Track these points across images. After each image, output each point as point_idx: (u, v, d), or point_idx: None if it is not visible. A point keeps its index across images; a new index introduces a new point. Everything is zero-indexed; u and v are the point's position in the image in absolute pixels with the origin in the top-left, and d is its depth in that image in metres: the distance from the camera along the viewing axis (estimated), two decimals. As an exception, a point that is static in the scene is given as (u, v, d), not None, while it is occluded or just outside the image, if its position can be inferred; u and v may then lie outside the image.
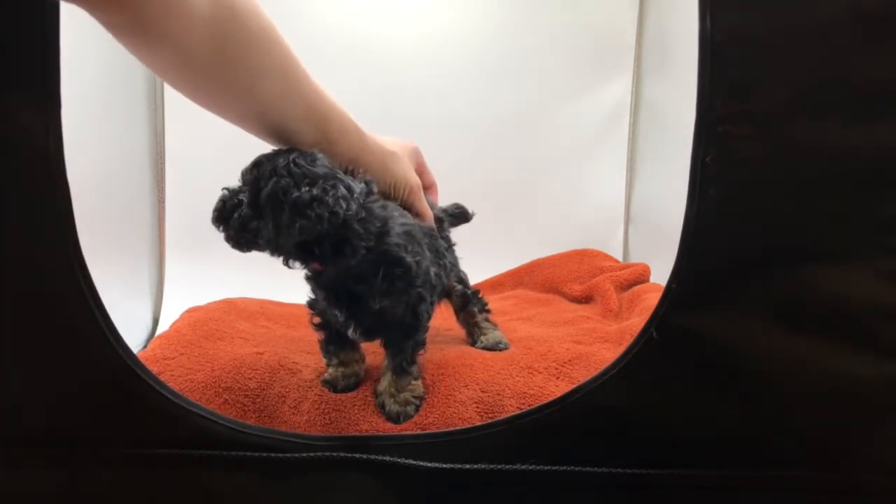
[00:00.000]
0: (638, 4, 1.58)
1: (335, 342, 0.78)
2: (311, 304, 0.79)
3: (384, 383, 0.74)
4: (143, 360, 0.80)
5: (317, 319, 0.79)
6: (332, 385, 0.77)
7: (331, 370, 0.78)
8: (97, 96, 1.09)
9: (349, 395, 0.75)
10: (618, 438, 0.64)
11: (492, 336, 0.94)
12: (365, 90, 1.46)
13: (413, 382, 0.74)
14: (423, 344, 0.77)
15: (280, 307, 1.21)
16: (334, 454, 0.65)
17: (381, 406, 0.73)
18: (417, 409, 0.73)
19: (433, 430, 0.71)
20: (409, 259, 0.70)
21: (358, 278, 0.69)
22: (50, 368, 0.61)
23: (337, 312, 0.72)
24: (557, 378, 0.78)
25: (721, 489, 0.64)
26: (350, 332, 0.74)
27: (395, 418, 0.72)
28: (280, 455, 0.65)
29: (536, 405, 0.70)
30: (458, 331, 1.02)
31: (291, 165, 0.62)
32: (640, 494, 0.65)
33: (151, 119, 1.35)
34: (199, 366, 0.80)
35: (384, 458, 0.65)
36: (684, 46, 1.29)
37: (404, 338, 0.75)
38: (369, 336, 0.76)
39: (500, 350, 0.91)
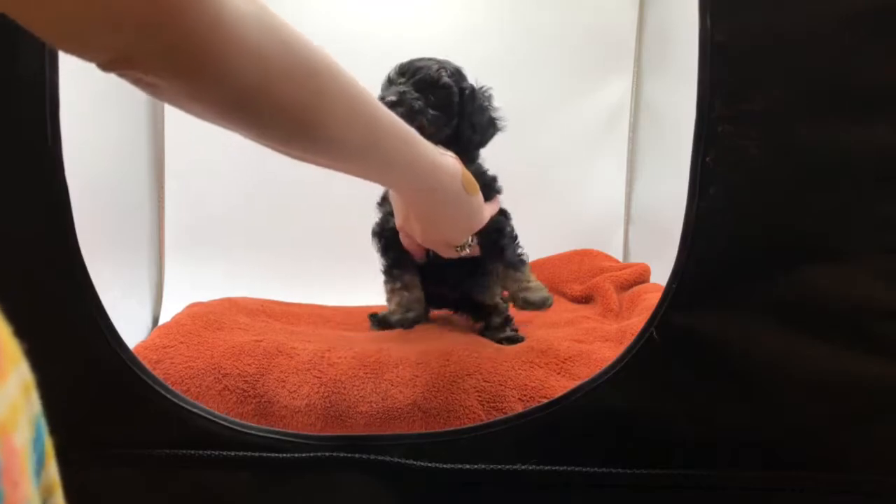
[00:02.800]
0: (638, 4, 1.57)
1: (400, 265, 0.82)
2: (381, 227, 0.85)
3: (514, 286, 0.81)
4: (142, 349, 0.80)
5: (381, 243, 0.86)
6: (399, 317, 0.79)
7: (395, 300, 0.81)
8: (97, 96, 1.09)
9: (349, 376, 0.75)
10: (618, 438, 0.64)
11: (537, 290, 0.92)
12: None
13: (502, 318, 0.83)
14: (516, 238, 0.86)
15: (280, 306, 1.21)
16: (334, 454, 0.65)
17: (525, 301, 0.78)
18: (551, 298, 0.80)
19: (436, 413, 0.71)
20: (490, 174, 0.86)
21: None
22: (49, 368, 0.61)
23: None
24: (558, 374, 0.78)
25: (721, 489, 0.64)
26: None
27: (542, 304, 0.78)
28: (280, 455, 0.65)
29: (537, 398, 0.70)
30: (460, 324, 1.02)
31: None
32: (639, 494, 0.65)
33: (151, 119, 1.35)
34: (198, 353, 0.80)
35: (384, 458, 0.65)
36: (684, 46, 1.29)
37: (500, 236, 0.82)
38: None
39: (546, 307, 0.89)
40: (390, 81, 0.81)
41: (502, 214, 0.89)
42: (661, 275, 1.33)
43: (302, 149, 0.48)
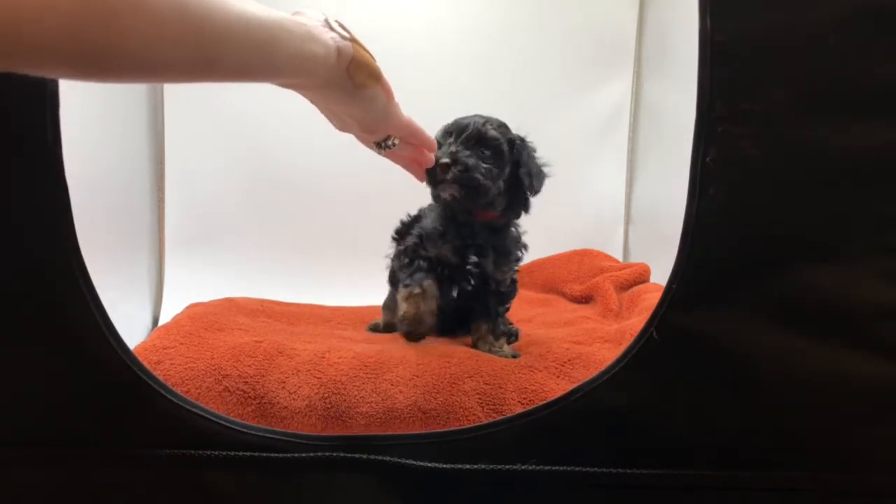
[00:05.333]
0: (638, 4, 1.58)
1: (423, 270, 0.84)
2: (412, 251, 0.87)
3: (485, 347, 0.86)
4: (142, 351, 0.80)
5: (406, 260, 0.87)
6: (410, 324, 0.79)
7: (410, 305, 0.80)
8: (97, 96, 1.09)
9: (349, 377, 0.75)
10: (618, 438, 0.64)
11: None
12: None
13: (501, 340, 0.87)
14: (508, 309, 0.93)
15: (280, 306, 1.22)
16: (334, 454, 0.65)
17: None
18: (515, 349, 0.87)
19: (435, 415, 0.71)
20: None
21: (497, 236, 0.88)
22: (49, 369, 0.61)
23: (471, 256, 0.86)
24: (558, 377, 0.78)
25: (721, 489, 0.64)
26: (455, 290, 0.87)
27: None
28: (280, 455, 0.65)
29: (537, 401, 0.70)
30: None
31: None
32: (640, 494, 0.65)
33: (151, 119, 1.35)
34: (198, 354, 0.80)
35: (384, 458, 0.65)
36: (684, 46, 1.29)
37: (498, 303, 0.87)
38: (465, 301, 0.88)
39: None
40: (439, 144, 0.82)
41: (514, 286, 0.93)
42: (661, 275, 1.33)
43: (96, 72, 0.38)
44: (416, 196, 0.93)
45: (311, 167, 1.45)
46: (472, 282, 0.87)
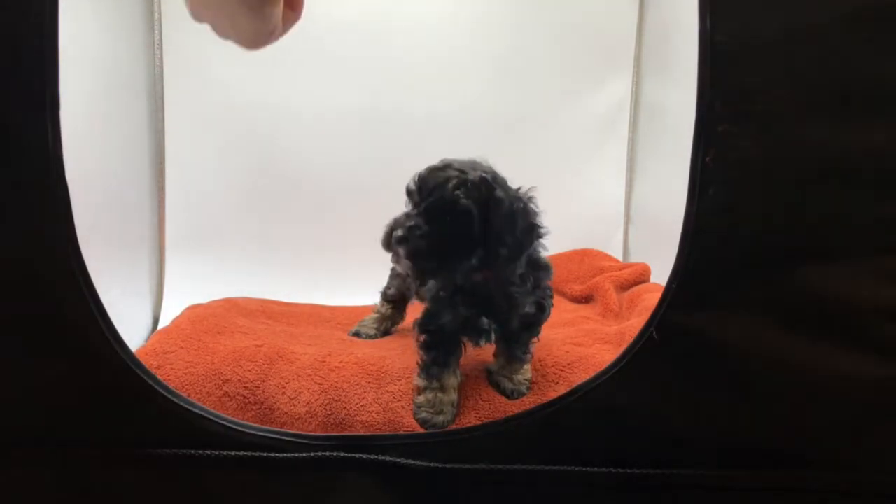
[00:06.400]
0: (638, 4, 1.58)
1: (440, 364, 0.76)
2: (425, 323, 0.77)
3: (497, 367, 0.81)
4: (142, 355, 0.80)
5: (423, 338, 0.77)
6: (426, 416, 0.72)
7: (427, 395, 0.74)
8: (97, 96, 1.09)
9: (350, 383, 0.76)
10: (618, 438, 0.64)
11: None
12: (364, 89, 1.46)
13: (525, 367, 0.80)
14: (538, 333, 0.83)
15: (280, 306, 1.22)
16: (334, 454, 0.65)
17: (496, 385, 0.79)
18: (528, 388, 0.79)
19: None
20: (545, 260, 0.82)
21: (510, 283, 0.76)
22: (49, 368, 0.61)
23: (484, 319, 0.77)
24: (556, 383, 0.79)
25: (721, 489, 0.64)
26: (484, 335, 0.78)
27: (508, 394, 0.78)
28: (280, 455, 0.65)
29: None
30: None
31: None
32: (640, 494, 0.65)
33: (151, 119, 1.34)
34: (198, 359, 0.80)
35: (384, 458, 0.65)
36: (684, 46, 1.29)
37: (524, 348, 0.80)
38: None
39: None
40: (409, 195, 0.74)
41: (540, 308, 0.80)
42: (661, 275, 1.33)
43: None
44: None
45: (311, 167, 1.45)
46: (491, 338, 0.79)
